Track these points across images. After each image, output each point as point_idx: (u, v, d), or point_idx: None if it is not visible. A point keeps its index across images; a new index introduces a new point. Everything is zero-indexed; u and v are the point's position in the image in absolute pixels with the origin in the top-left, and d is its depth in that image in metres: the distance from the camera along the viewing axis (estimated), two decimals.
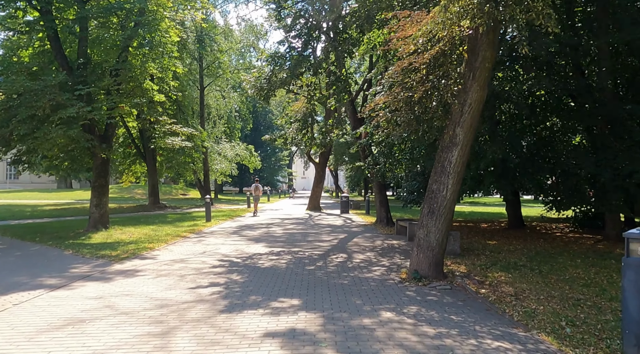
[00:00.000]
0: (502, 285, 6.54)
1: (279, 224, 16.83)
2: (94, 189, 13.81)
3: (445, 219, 6.71)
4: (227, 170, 35.23)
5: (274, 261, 8.70)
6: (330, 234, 13.63)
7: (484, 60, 6.45)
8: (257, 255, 9.42)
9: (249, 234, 13.47)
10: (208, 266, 8.12)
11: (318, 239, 12.25)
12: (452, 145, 6.59)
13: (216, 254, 9.54)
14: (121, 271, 7.66)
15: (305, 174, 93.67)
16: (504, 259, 8.85)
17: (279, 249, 10.37)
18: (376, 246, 11.02)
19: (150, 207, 25.85)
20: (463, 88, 6.51)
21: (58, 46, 12.78)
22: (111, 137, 14.20)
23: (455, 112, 6.58)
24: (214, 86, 32.92)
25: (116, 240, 11.81)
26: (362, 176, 37.70)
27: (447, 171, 6.63)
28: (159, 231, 14.02)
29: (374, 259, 8.84)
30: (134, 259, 8.98)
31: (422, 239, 6.78)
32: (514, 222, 15.64)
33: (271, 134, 16.78)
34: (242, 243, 11.44)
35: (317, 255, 9.41)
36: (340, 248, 10.50)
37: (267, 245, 11.06)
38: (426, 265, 6.71)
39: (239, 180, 67.48)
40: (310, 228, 15.51)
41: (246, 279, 7.02)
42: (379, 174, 12.92)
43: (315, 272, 7.53)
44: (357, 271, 7.56)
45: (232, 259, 8.87)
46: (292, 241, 11.78)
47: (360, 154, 16.74)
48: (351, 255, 9.40)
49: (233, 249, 10.38)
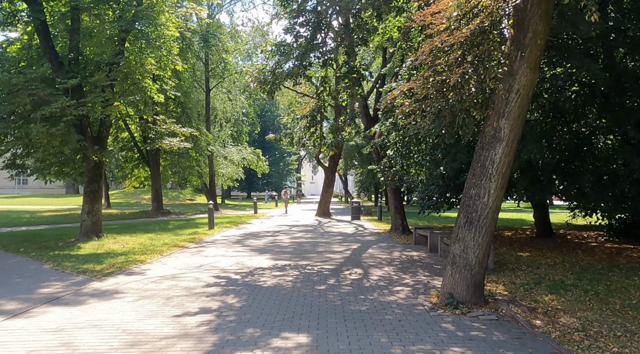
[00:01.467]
0: (560, 314, 5.27)
1: (286, 232, 15.65)
2: (86, 194, 12.75)
3: (486, 232, 5.48)
4: (233, 175, 34.15)
5: (278, 278, 7.51)
6: (341, 243, 12.42)
7: (535, 35, 5.24)
8: (259, 270, 8.23)
9: (253, 244, 12.31)
10: (201, 285, 6.95)
11: (329, 250, 11.05)
12: (495, 141, 5.37)
13: (213, 269, 8.38)
14: (98, 292, 6.52)
15: (314, 179, 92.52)
16: (547, 277, 7.57)
17: (284, 262, 9.19)
18: (394, 258, 9.78)
19: (153, 214, 24.84)
20: (509, 71, 5.30)
21: (46, 39, 11.77)
22: (105, 139, 13.16)
23: (499, 101, 5.36)
24: (220, 88, 31.93)
25: (107, 251, 10.72)
26: (373, 181, 36.43)
27: (489, 172, 5.40)
28: (156, 240, 12.92)
29: (394, 276, 7.61)
30: (119, 274, 7.84)
31: (457, 256, 5.55)
32: (542, 230, 14.29)
33: (276, 134, 15.64)
34: (245, 255, 10.27)
35: (328, 270, 8.20)
36: (354, 261, 9.28)
37: (272, 257, 9.88)
38: (463, 287, 5.48)
39: (248, 185, 66.54)
40: (320, 237, 14.31)
41: (244, 303, 5.84)
42: (395, 177, 11.68)
43: (327, 293, 6.33)
44: (376, 293, 6.34)
45: (231, 276, 7.70)
46: (299, 252, 10.59)
47: (374, 156, 15.51)
48: (367, 270, 8.18)
49: (233, 262, 9.21)
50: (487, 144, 5.44)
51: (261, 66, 11.26)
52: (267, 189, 66.79)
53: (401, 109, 5.74)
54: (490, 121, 5.41)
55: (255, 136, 60.94)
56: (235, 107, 34.19)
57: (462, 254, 5.52)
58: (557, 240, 13.57)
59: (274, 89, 11.23)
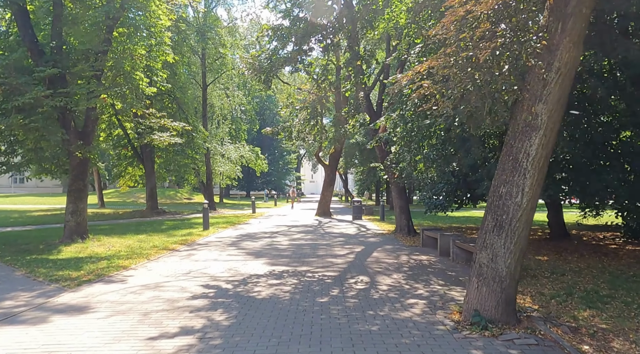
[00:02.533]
0: (609, 336, 4.43)
1: (284, 233, 14.80)
2: (70, 193, 11.90)
3: (519, 237, 4.63)
4: (231, 173, 33.30)
5: (274, 287, 6.65)
6: (344, 246, 11.56)
7: (580, 3, 4.39)
8: (253, 278, 7.38)
9: (248, 246, 11.45)
10: (187, 296, 6.10)
11: (330, 254, 10.20)
12: (531, 129, 4.52)
13: (203, 276, 7.53)
14: (66, 306, 5.66)
15: (314, 178, 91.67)
16: (576, 286, 6.72)
17: (282, 268, 8.33)
18: (402, 263, 8.93)
19: (148, 213, 23.99)
20: (547, 46, 4.44)
21: (25, 26, 10.90)
22: (91, 134, 12.29)
23: (536, 82, 4.51)
24: (217, 84, 31.01)
25: (89, 254, 9.88)
26: (375, 179, 35.56)
27: (523, 167, 4.55)
28: (146, 242, 12.07)
29: (405, 285, 6.76)
30: (96, 283, 6.99)
31: (485, 266, 4.70)
32: (557, 231, 13.44)
33: (273, 127, 14.67)
34: (239, 259, 9.42)
35: (331, 278, 7.35)
36: (359, 267, 8.42)
37: (268, 262, 9.03)
38: (492, 303, 4.63)
39: (246, 184, 65.65)
40: (321, 238, 13.46)
41: (233, 320, 4.98)
42: (402, 174, 10.81)
43: (330, 308, 5.48)
44: (387, 307, 5.49)
45: (221, 285, 6.85)
46: (299, 257, 9.74)
47: (378, 153, 14.64)
48: (374, 278, 7.32)
49: (226, 268, 8.36)
50: (521, 134, 4.58)
51: (257, 53, 10.37)
52: (267, 188, 65.95)
53: (418, 92, 4.88)
54: (525, 105, 4.56)
55: (254, 133, 60.07)
56: (233, 104, 33.29)
57: (490, 264, 4.67)
58: (573, 242, 12.73)
59: (271, 78, 10.33)
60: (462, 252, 8.96)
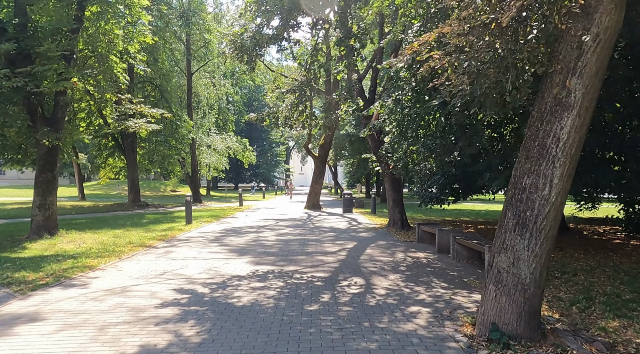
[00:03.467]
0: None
1: (272, 228, 14.01)
2: (37, 185, 10.94)
3: (546, 238, 3.91)
4: (218, 165, 32.32)
5: (257, 292, 5.87)
6: (334, 242, 10.81)
7: None
8: (234, 280, 6.59)
9: (232, 243, 10.64)
10: (155, 304, 5.29)
11: (320, 250, 9.44)
12: (562, 108, 3.77)
13: (178, 278, 6.72)
14: (11, 317, 4.82)
15: (303, 170, 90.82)
16: (593, 288, 6.05)
17: (267, 267, 7.55)
18: (398, 262, 8.21)
19: (130, 206, 23.02)
20: (584, 7, 3.68)
21: None
22: (61, 121, 11.30)
23: (569, 51, 3.75)
24: (203, 73, 29.91)
25: (56, 252, 9.00)
26: (365, 171, 34.86)
27: (552, 153, 3.81)
28: (122, 238, 11.21)
29: (404, 289, 6.02)
30: (53, 287, 6.14)
31: (505, 272, 3.97)
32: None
33: (258, 113, 13.71)
34: (221, 257, 8.61)
35: (321, 280, 6.58)
36: (352, 266, 7.67)
37: (252, 260, 8.24)
38: (513, 315, 3.91)
39: (235, 176, 64.64)
40: (310, 233, 12.70)
41: (205, 336, 4.20)
42: (398, 165, 10.05)
43: (320, 318, 4.71)
44: (387, 317, 4.75)
45: (197, 289, 6.04)
46: (286, 254, 8.96)
47: (370, 143, 13.87)
48: (370, 280, 6.58)
49: (205, 267, 7.55)
50: (550, 114, 3.83)
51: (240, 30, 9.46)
52: (255, 180, 64.96)
53: (427, 65, 4.09)
54: (556, 79, 3.80)
55: (242, 125, 58.97)
56: (220, 93, 32.21)
57: (511, 269, 3.94)
58: (574, 236, 12.16)
59: (254, 57, 9.44)
60: (464, 249, 8.26)
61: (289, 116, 9.83)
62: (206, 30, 24.35)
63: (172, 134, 22.50)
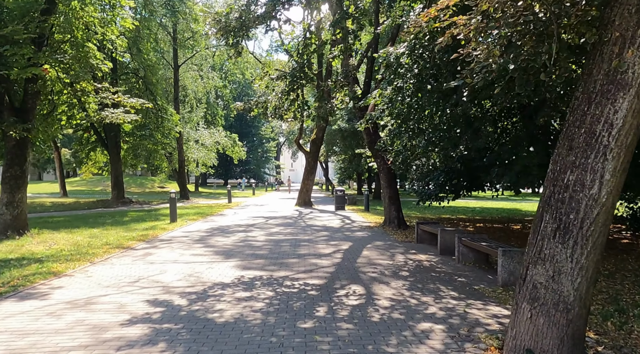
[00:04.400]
0: None
1: (261, 226, 13.24)
2: (4, 181, 10.06)
3: (594, 246, 3.21)
4: (206, 160, 31.38)
5: (242, 303, 5.11)
6: (328, 242, 10.09)
7: None
8: (217, 288, 5.82)
9: (218, 243, 9.86)
10: (121, 321, 4.51)
11: (314, 253, 8.70)
12: (616, 87, 3.06)
13: (154, 286, 5.94)
14: None
15: (294, 167, 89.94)
16: (621, 297, 5.40)
17: (255, 273, 6.80)
18: (399, 265, 7.50)
19: (113, 203, 22.07)
20: None
21: None
22: (31, 111, 10.41)
23: (627, 16, 3.04)
24: (190, 65, 28.93)
25: (22, 255, 8.16)
26: (357, 168, 34.16)
27: (602, 143, 3.10)
28: (98, 238, 10.38)
29: (410, 299, 5.31)
30: (5, 300, 5.32)
31: (543, 287, 3.26)
32: None
33: (245, 102, 12.73)
34: (204, 260, 7.84)
35: (316, 288, 5.85)
36: (349, 271, 6.95)
37: (239, 264, 7.47)
38: (554, 340, 3.20)
39: (225, 172, 63.60)
40: (302, 232, 11.95)
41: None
42: (398, 159, 9.31)
43: (317, 340, 3.97)
44: (394, 337, 4.02)
45: (174, 300, 5.27)
46: (276, 257, 8.21)
47: (365, 137, 13.13)
48: (370, 288, 5.85)
49: (186, 273, 6.78)
50: (600, 95, 3.12)
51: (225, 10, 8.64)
52: (245, 176, 63.99)
53: (449, 33, 3.34)
54: (608, 52, 3.09)
55: (232, 120, 57.95)
56: (208, 86, 31.23)
57: (550, 284, 3.23)
58: None
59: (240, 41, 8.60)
60: (470, 252, 7.57)
61: (279, 106, 9.02)
62: (193, 19, 23.37)
63: (157, 128, 21.55)
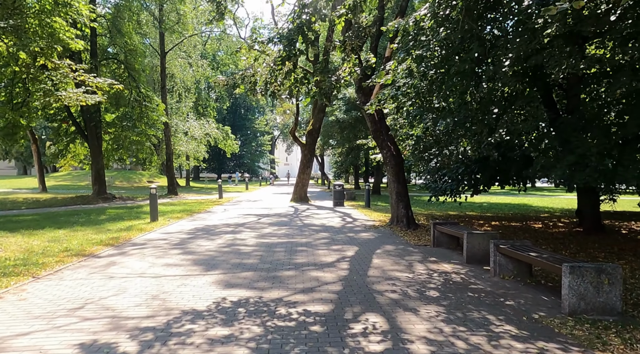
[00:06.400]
0: None
1: (252, 226, 11.68)
2: None
3: None
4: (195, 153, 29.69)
5: (217, 349, 3.57)
6: (330, 247, 8.56)
7: None
8: (186, 321, 4.27)
9: (200, 249, 8.30)
10: None
11: (313, 261, 7.16)
12: None
13: (99, 316, 4.38)
14: None
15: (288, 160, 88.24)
16: None
17: (239, 293, 5.25)
18: (423, 280, 5.98)
19: (93, 199, 20.41)
20: None
21: None
22: None
23: None
24: (178, 52, 27.15)
25: None
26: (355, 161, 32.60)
27: None
28: (60, 242, 8.82)
29: (457, 342, 3.78)
30: None
31: None
32: (592, 223, 10.78)
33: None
34: (177, 274, 6.28)
35: (320, 320, 4.31)
36: (361, 290, 5.42)
37: (220, 279, 5.92)
38: None
39: (218, 166, 61.88)
40: (299, 233, 10.42)
41: None
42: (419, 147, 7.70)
43: None
44: None
45: (119, 342, 3.71)
46: (268, 268, 6.66)
47: (369, 125, 11.55)
48: (394, 320, 4.32)
49: (149, 293, 5.23)
50: None
51: None
52: (238, 170, 62.30)
53: None
54: None
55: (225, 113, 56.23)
56: (197, 75, 29.46)
57: None
58: (617, 237, 10.11)
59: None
60: (510, 262, 6.07)
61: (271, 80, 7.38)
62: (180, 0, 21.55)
63: (140, 118, 19.87)
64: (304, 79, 7.20)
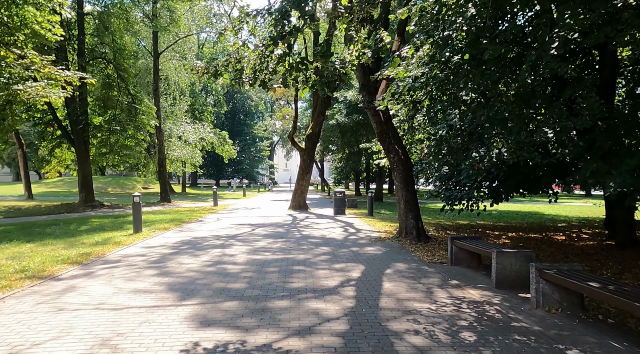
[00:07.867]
0: None
1: (245, 239, 10.48)
2: None
3: None
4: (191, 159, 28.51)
5: None
6: (332, 265, 7.36)
7: None
8: None
9: (179, 268, 7.09)
10: None
11: (312, 286, 5.95)
12: None
13: None
14: None
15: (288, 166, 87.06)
16: None
17: (217, 336, 4.05)
18: (449, 314, 4.78)
19: (79, 207, 19.22)
20: None
21: None
22: None
23: None
24: (172, 53, 26.05)
25: None
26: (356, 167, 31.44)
27: None
28: (19, 260, 7.66)
29: None
30: None
31: None
32: (626, 236, 9.58)
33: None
34: (144, 304, 5.07)
35: None
36: (374, 332, 4.22)
37: (196, 313, 4.72)
38: None
39: (216, 172, 60.70)
40: (296, 247, 9.22)
41: None
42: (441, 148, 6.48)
43: None
44: None
45: None
46: (257, 297, 5.45)
47: (374, 126, 10.38)
48: None
49: (100, 337, 4.03)
50: None
51: None
52: (237, 176, 61.09)
53: None
54: None
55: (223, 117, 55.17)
56: (193, 78, 28.36)
57: None
58: None
59: None
60: (556, 290, 4.87)
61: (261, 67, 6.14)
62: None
63: (129, 121, 18.71)
64: (301, 65, 5.99)
